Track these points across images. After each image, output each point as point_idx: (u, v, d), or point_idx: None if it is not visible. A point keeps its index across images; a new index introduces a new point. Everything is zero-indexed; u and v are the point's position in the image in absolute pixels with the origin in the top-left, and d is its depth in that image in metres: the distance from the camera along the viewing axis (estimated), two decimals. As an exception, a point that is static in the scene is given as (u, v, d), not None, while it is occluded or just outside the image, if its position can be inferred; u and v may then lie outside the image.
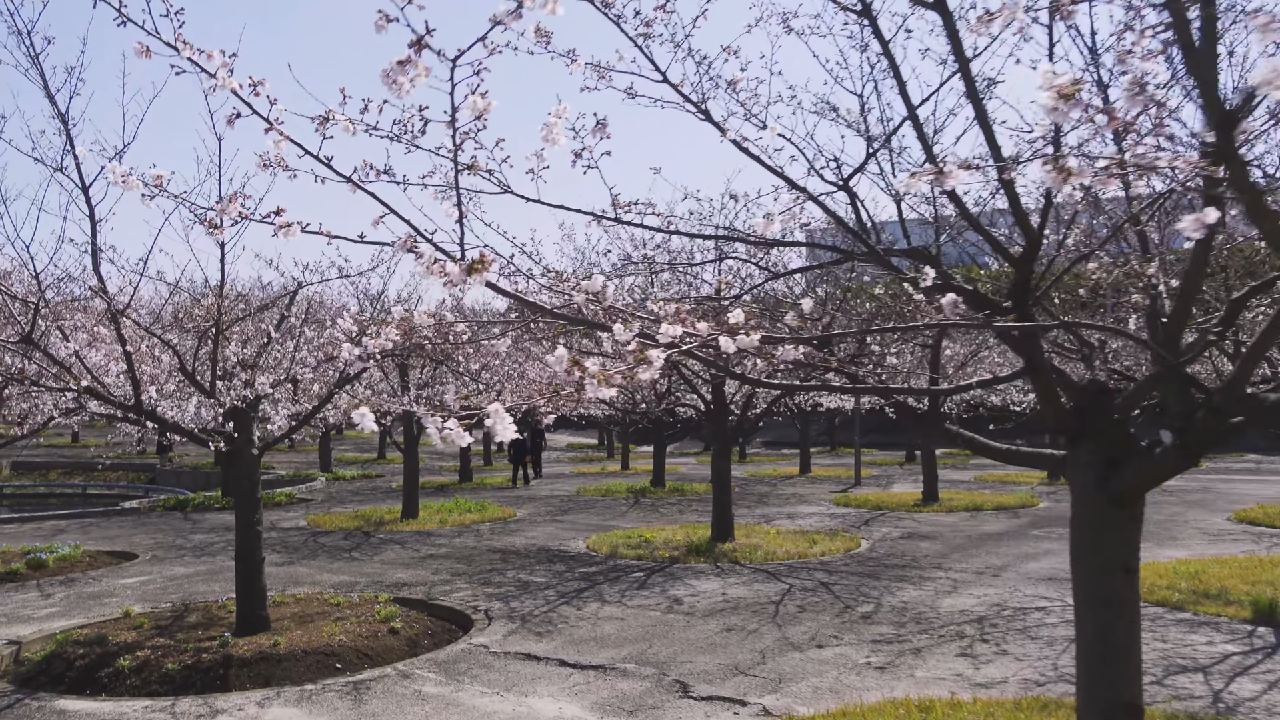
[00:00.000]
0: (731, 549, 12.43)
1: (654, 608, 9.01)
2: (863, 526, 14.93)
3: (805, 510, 17.36)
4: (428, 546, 13.34)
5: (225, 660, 7.08)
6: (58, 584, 10.89)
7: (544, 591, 9.91)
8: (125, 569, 11.86)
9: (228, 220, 3.09)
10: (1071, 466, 4.05)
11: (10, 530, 15.91)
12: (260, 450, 8.29)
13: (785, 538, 13.47)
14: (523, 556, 12.33)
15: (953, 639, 7.71)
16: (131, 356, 7.32)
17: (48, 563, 11.82)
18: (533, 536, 14.25)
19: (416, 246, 2.77)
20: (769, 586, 10.02)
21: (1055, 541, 13.03)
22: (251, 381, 8.46)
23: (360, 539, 14.30)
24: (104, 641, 7.62)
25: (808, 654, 7.30)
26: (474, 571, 11.19)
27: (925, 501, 17.94)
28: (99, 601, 9.78)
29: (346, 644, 7.53)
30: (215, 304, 7.65)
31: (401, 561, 12.02)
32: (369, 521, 16.31)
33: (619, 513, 17.39)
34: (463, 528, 15.53)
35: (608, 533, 14.31)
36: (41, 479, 30.94)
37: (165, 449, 31.55)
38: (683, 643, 7.67)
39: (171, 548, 13.64)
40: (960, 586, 9.90)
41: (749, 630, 8.06)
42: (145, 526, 16.24)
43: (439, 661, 7.26)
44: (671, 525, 15.22)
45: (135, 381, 7.54)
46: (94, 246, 6.88)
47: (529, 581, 10.51)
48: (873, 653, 7.31)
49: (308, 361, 9.67)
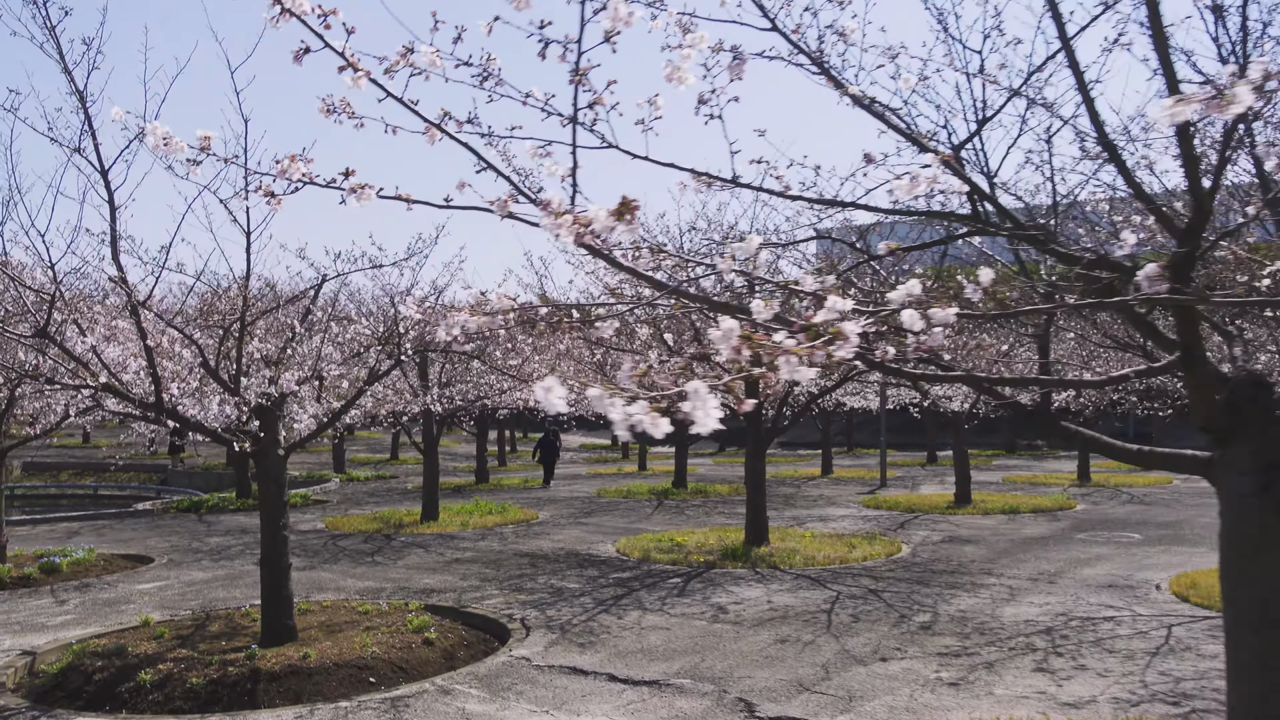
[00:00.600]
0: (768, 553, 11.96)
1: (698, 616, 8.55)
2: (899, 530, 14.45)
3: (836, 512, 16.88)
4: (452, 550, 12.90)
5: (253, 674, 6.64)
6: (72, 589, 10.48)
7: (580, 599, 9.46)
8: (141, 573, 11.45)
9: (286, 184, 2.65)
10: (1222, 470, 3.58)
11: (23, 532, 15.53)
12: (286, 451, 7.86)
13: (822, 541, 12.99)
14: (552, 561, 11.88)
15: (1024, 652, 7.23)
16: (152, 351, 6.89)
17: (61, 567, 11.42)
18: (559, 540, 13.81)
19: (515, 205, 2.32)
20: (815, 594, 9.55)
21: (1104, 546, 12.53)
22: (276, 378, 8.03)
23: (381, 542, 13.88)
24: (123, 653, 7.19)
25: (872, 668, 6.82)
26: (503, 577, 10.75)
27: (958, 503, 17.43)
28: (115, 609, 9.36)
29: (380, 656, 7.08)
30: (241, 294, 7.22)
31: (427, 566, 11.58)
32: (388, 524, 15.88)
33: (644, 515, 16.93)
34: (485, 530, 15.09)
35: (636, 536, 13.86)
36: (53, 480, 30.65)
37: (177, 450, 31.19)
38: (736, 655, 7.21)
39: (188, 551, 13.23)
40: (1017, 594, 9.41)
41: (804, 641, 7.59)
42: (160, 529, 15.85)
43: (480, 676, 6.81)
44: (701, 528, 14.76)
45: (156, 378, 7.11)
46: (113, 233, 6.45)
47: (562, 588, 10.06)
48: (941, 667, 6.83)
49: (334, 358, 9.26)
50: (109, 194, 6.43)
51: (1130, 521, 15.22)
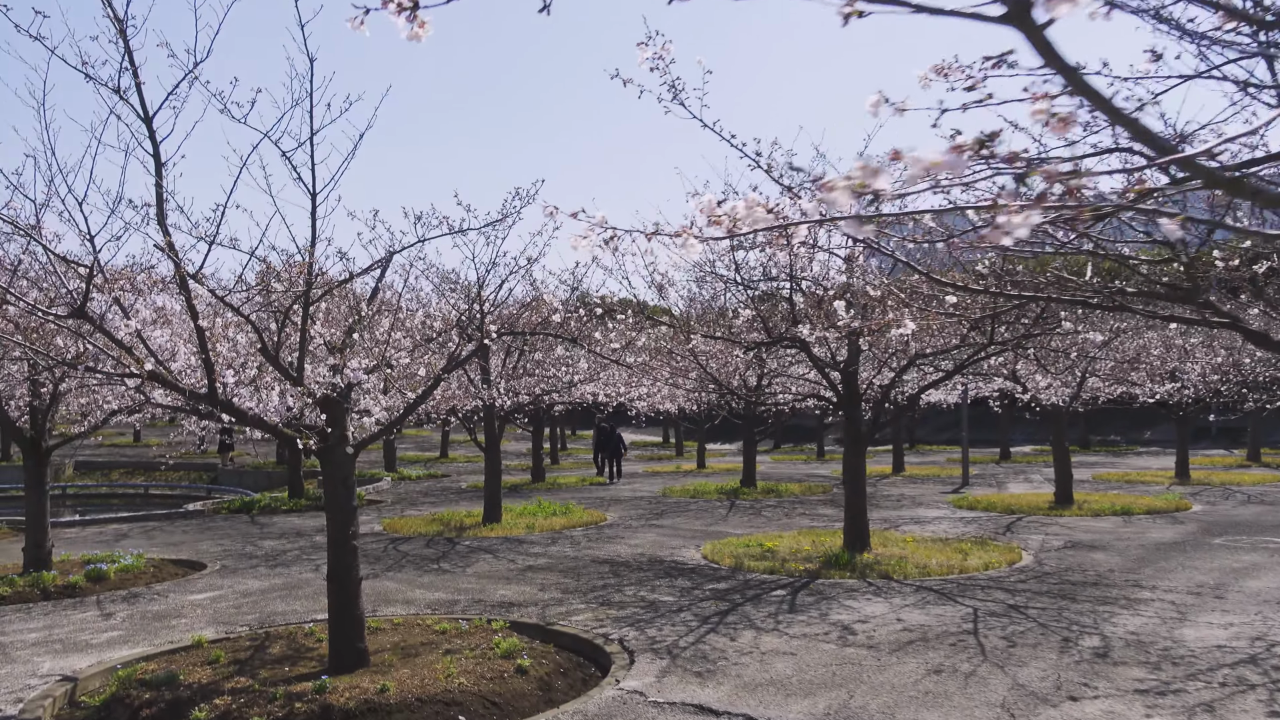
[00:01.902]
0: (874, 561, 10.77)
1: (823, 638, 7.40)
2: (1007, 533, 13.14)
3: (927, 514, 15.59)
4: (523, 556, 11.88)
5: (324, 712, 5.64)
6: (119, 600, 9.63)
7: (678, 615, 8.36)
8: (193, 581, 10.59)
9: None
10: None
11: (71, 535, 14.85)
12: (356, 448, 6.86)
13: (928, 547, 11.76)
14: (634, 569, 10.80)
15: (1241, 688, 5.98)
16: (204, 334, 5.92)
17: (108, 574, 10.60)
18: (636, 545, 12.73)
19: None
20: (948, 610, 8.35)
21: (1253, 553, 11.14)
22: (341, 366, 7.03)
23: (445, 547, 12.91)
24: (174, 682, 6.24)
25: (1064, 710, 5.63)
26: (585, 588, 9.68)
27: (1059, 504, 16.03)
28: (165, 624, 8.47)
29: (469, 688, 6.04)
30: (305, 266, 6.22)
31: (499, 575, 10.57)
32: (448, 526, 14.94)
33: (719, 516, 15.79)
34: (554, 534, 14.07)
35: (720, 540, 12.73)
36: (104, 479, 30.36)
37: (226, 448, 30.72)
38: (889, 690, 6.05)
39: (241, 556, 12.38)
40: (1187, 613, 8.12)
41: (963, 672, 6.41)
42: (210, 531, 15.07)
43: (590, 716, 5.73)
44: (787, 531, 13.59)
45: (209, 364, 6.15)
46: (159, 191, 5.48)
47: (655, 601, 8.97)
48: (1151, 710, 5.61)
49: (402, 344, 8.25)
50: (154, 146, 5.46)
51: (1264, 524, 13.75)
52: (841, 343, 11.53)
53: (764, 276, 10.82)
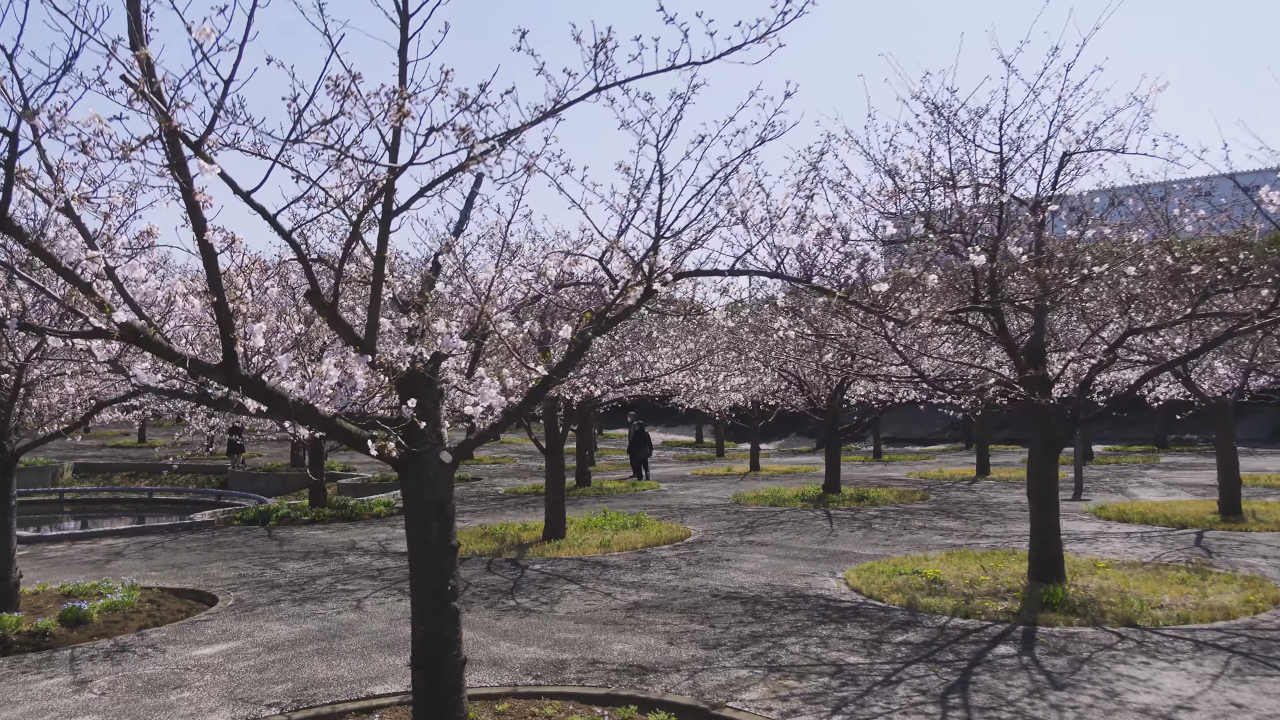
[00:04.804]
0: (1086, 597, 8.24)
1: (1150, 740, 4.87)
2: (1215, 556, 10.57)
3: (1079, 529, 12.95)
4: (618, 588, 9.36)
5: None
6: (100, 657, 7.15)
7: (891, 690, 5.84)
8: (200, 627, 8.10)
9: None
10: None
11: (55, 553, 12.40)
12: (456, 455, 4.35)
13: (1137, 577, 9.21)
14: (775, 608, 8.27)
15: None
16: (214, 255, 3.43)
17: (90, 616, 8.14)
18: (752, 571, 10.20)
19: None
20: (1273, 684, 5.81)
21: None
22: (422, 331, 4.53)
23: (512, 572, 10.42)
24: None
25: None
26: (730, 640, 7.17)
27: (1225, 514, 13.46)
28: (161, 700, 5.98)
29: None
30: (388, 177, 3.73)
31: (602, 618, 8.05)
32: (505, 543, 12.46)
33: (823, 530, 13.24)
34: (637, 553, 11.55)
35: (857, 565, 10.20)
36: (105, 482, 27.92)
37: (237, 449, 28.22)
38: None
39: (259, 585, 9.91)
40: None
41: None
42: (221, 548, 12.61)
43: None
44: (929, 553, 11.04)
45: (225, 315, 3.65)
46: None
47: (840, 664, 6.45)
48: None
49: (499, 303, 5.73)
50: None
51: None
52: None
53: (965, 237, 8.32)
